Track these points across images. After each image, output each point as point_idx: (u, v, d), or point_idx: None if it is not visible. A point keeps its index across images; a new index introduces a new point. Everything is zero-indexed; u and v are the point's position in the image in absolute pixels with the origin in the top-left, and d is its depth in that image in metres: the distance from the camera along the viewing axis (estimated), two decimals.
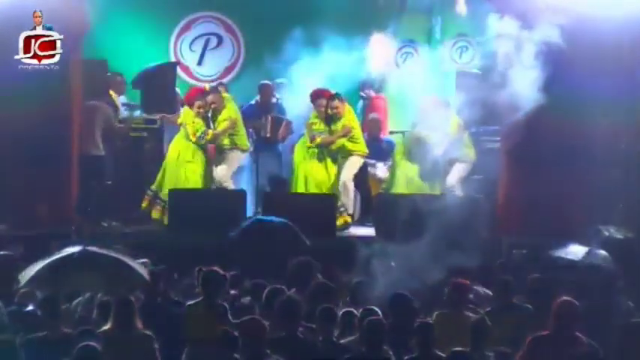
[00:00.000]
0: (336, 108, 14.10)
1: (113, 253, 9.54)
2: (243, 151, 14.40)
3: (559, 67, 12.79)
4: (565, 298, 8.31)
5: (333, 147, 14.15)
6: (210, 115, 14.28)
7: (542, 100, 12.39)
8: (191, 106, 14.25)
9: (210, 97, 14.32)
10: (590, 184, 13.33)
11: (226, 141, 14.23)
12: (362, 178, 14.64)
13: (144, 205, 14.13)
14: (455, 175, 14.30)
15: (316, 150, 14.18)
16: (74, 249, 9.45)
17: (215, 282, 8.82)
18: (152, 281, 9.17)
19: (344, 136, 14.09)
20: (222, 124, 14.16)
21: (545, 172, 13.29)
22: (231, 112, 14.25)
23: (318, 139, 14.10)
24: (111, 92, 14.61)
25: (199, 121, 14.12)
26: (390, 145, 15.23)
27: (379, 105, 15.93)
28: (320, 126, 14.18)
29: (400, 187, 14.35)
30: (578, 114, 13.00)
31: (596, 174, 13.26)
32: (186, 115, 14.26)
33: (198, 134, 14.05)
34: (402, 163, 14.49)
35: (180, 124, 14.33)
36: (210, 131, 14.09)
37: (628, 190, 13.47)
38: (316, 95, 14.32)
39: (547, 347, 8.04)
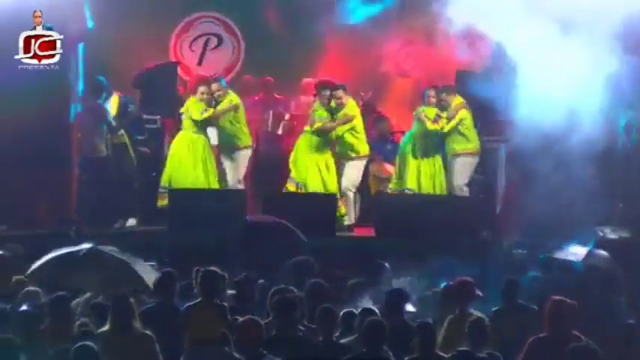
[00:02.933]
0: (340, 98, 14.07)
1: (120, 254, 9.56)
2: (249, 148, 14.34)
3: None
4: (555, 297, 8.33)
5: (333, 134, 14.11)
6: (213, 103, 14.22)
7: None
8: (195, 92, 14.20)
9: (214, 85, 14.30)
10: (589, 184, 13.33)
11: (229, 128, 14.15)
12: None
13: (160, 203, 14.07)
14: (462, 174, 14.19)
15: (317, 142, 14.12)
16: (81, 247, 9.48)
17: (214, 282, 8.83)
18: (167, 283, 9.15)
19: (344, 123, 14.06)
20: (223, 104, 14.14)
21: (546, 172, 13.30)
22: (233, 98, 14.23)
23: (319, 124, 14.07)
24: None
25: (202, 105, 14.10)
26: (395, 145, 15.22)
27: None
28: (322, 113, 14.14)
29: (409, 183, 14.23)
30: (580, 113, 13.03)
31: (596, 174, 13.25)
32: (189, 104, 14.19)
33: (200, 110, 13.98)
34: (411, 158, 14.35)
35: (182, 113, 14.26)
36: (211, 109, 14.04)
37: (628, 190, 13.48)
38: (320, 85, 14.30)
39: (546, 348, 8.05)
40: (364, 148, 14.27)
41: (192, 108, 13.98)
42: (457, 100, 14.13)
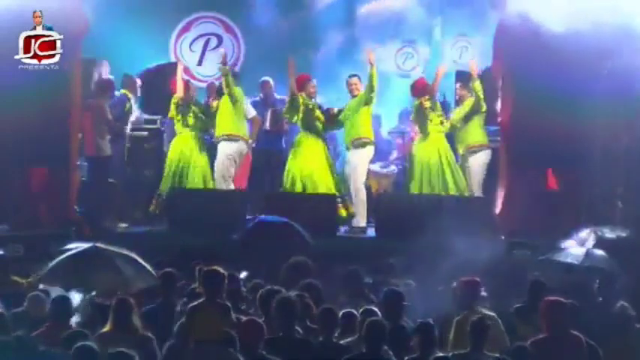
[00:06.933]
0: (355, 84, 13.96)
1: (124, 252, 9.56)
2: (244, 140, 14.30)
3: (558, 66, 12.86)
4: (549, 298, 8.37)
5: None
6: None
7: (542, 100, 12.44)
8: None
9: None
10: (589, 184, 13.35)
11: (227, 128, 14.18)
12: None
13: (152, 207, 14.11)
14: (479, 168, 14.09)
15: (310, 142, 14.04)
16: (84, 245, 9.48)
17: (216, 281, 8.83)
18: (167, 283, 9.15)
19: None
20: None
21: (545, 172, 13.32)
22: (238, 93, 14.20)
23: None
24: (125, 92, 14.63)
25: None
26: (388, 146, 15.17)
27: None
28: (316, 112, 14.05)
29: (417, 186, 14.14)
30: (579, 113, 13.03)
31: (596, 174, 13.27)
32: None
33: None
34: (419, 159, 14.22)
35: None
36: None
37: (628, 190, 13.49)
38: (303, 80, 14.09)
39: (546, 349, 8.05)
40: (369, 134, 14.06)
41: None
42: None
